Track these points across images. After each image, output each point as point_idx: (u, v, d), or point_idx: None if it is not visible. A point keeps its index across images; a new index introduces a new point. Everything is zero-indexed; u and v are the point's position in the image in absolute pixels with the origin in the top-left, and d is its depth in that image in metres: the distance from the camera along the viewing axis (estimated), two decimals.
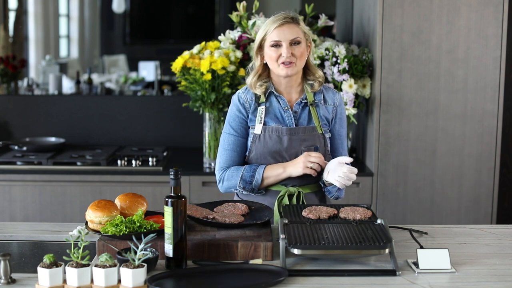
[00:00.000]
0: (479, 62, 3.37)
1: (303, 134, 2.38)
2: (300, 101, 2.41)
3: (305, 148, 2.37)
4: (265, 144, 2.37)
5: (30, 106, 4.06)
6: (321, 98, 2.43)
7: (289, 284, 1.81)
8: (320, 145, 2.40)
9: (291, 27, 2.32)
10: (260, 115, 2.39)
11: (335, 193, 2.42)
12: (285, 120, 2.39)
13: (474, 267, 1.96)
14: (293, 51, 2.31)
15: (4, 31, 5.17)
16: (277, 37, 2.31)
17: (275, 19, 2.34)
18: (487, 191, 3.45)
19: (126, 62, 6.79)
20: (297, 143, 2.37)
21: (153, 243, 1.93)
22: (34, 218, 3.42)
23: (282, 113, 2.40)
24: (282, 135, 2.37)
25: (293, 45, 2.32)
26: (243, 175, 2.37)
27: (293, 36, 2.31)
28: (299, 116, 2.41)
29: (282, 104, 2.41)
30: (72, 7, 6.85)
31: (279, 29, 2.31)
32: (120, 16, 6.93)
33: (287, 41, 2.31)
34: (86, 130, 4.06)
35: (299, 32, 2.33)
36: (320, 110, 2.42)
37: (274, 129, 2.37)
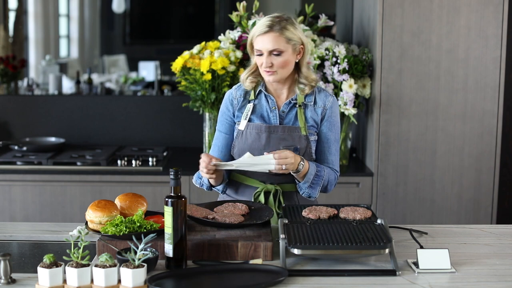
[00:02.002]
0: (479, 62, 3.37)
1: (282, 133, 2.37)
2: (289, 101, 2.40)
3: (283, 148, 2.35)
4: (246, 141, 2.38)
5: (30, 106, 4.06)
6: (312, 100, 2.41)
7: (289, 284, 1.81)
8: (301, 146, 2.37)
9: (272, 36, 2.28)
10: (247, 111, 2.41)
11: (305, 190, 2.39)
12: (270, 120, 2.39)
13: (474, 267, 1.96)
14: (273, 61, 2.29)
15: (4, 31, 5.18)
16: (258, 46, 2.30)
17: (260, 25, 2.31)
18: (487, 191, 3.45)
19: (126, 62, 6.79)
20: (275, 141, 2.36)
21: (153, 243, 1.93)
22: (34, 218, 3.42)
23: (268, 112, 2.40)
24: (261, 132, 2.37)
25: (273, 55, 2.29)
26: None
27: (272, 47, 2.28)
28: (285, 116, 2.40)
29: (270, 104, 2.40)
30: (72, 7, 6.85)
31: (261, 38, 2.29)
32: (120, 16, 6.93)
33: (267, 51, 2.29)
34: (86, 130, 4.06)
35: (280, 42, 2.28)
36: (308, 111, 2.40)
37: (255, 126, 2.38)
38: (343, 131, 3.51)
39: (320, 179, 2.37)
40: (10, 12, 5.41)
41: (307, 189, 2.38)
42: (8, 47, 5.25)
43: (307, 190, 2.38)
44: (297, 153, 2.35)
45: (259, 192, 2.39)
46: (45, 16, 6.24)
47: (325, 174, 2.38)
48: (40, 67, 5.82)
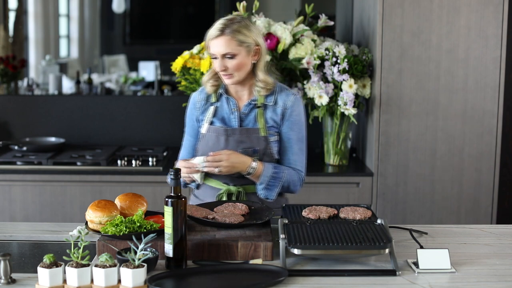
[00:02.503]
0: (479, 62, 3.37)
1: (240, 136, 2.37)
2: (249, 102, 2.40)
3: (242, 150, 2.35)
4: (207, 144, 2.40)
5: (30, 106, 4.06)
6: (272, 100, 2.40)
7: (289, 284, 1.81)
8: (260, 148, 2.37)
9: (223, 40, 2.27)
10: (209, 115, 2.43)
11: (260, 191, 2.39)
12: (231, 122, 2.40)
13: (474, 267, 1.96)
14: (227, 64, 2.29)
15: (4, 31, 5.18)
16: (211, 50, 2.31)
17: (213, 28, 2.30)
18: (487, 191, 3.45)
19: (126, 62, 6.79)
20: (233, 144, 2.36)
21: (153, 243, 1.93)
22: (34, 218, 3.42)
23: (229, 114, 2.41)
24: (220, 135, 2.38)
25: (226, 59, 2.29)
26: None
27: (225, 50, 2.28)
28: (245, 117, 2.40)
29: (231, 106, 2.41)
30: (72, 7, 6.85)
31: (214, 42, 2.29)
32: (120, 16, 6.93)
33: (220, 55, 2.29)
34: (86, 130, 4.06)
35: (232, 45, 2.27)
36: (268, 112, 2.40)
37: (215, 129, 2.40)
38: (343, 131, 3.51)
39: (277, 180, 2.36)
40: (10, 12, 5.41)
41: (263, 191, 2.39)
42: (8, 47, 5.26)
43: (263, 191, 2.39)
44: (256, 155, 2.36)
45: (222, 194, 2.40)
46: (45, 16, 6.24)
47: (284, 176, 2.37)
48: (40, 67, 5.82)
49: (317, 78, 3.38)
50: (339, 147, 3.54)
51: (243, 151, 2.35)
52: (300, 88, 3.52)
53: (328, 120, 3.53)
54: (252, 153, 2.37)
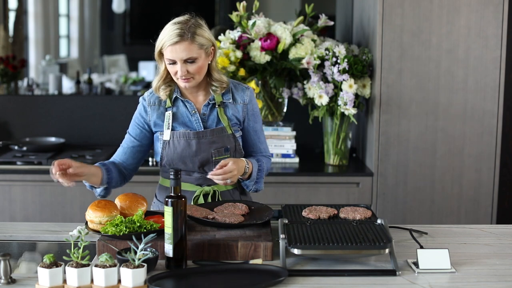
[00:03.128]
0: (479, 62, 3.37)
1: (211, 137, 2.36)
2: (207, 102, 2.39)
3: (215, 151, 2.36)
4: (175, 150, 2.35)
5: (30, 106, 4.06)
6: (230, 97, 2.40)
7: (289, 284, 1.81)
8: (230, 146, 2.38)
9: (184, 45, 2.23)
10: (168, 120, 2.36)
11: (252, 186, 2.42)
12: (193, 124, 2.37)
13: (474, 267, 1.96)
14: (188, 68, 2.26)
15: (4, 31, 5.17)
16: (171, 56, 2.25)
17: (170, 35, 2.24)
18: (487, 191, 3.45)
19: (126, 62, 6.78)
20: (206, 146, 2.35)
21: (153, 243, 1.93)
22: (34, 218, 3.42)
23: (189, 117, 2.37)
24: (190, 139, 2.35)
25: (187, 63, 2.26)
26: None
27: (186, 55, 2.24)
28: (207, 118, 2.39)
29: (189, 108, 2.38)
30: (72, 7, 6.84)
31: (172, 48, 2.23)
32: (120, 16, 6.92)
33: (181, 60, 2.25)
34: (86, 130, 4.06)
35: (193, 50, 2.24)
36: (229, 110, 2.40)
37: (182, 134, 2.35)
38: (343, 131, 3.51)
39: (261, 172, 2.42)
40: (10, 12, 5.41)
41: (254, 186, 2.42)
42: (8, 47, 5.25)
43: (254, 186, 2.42)
44: (227, 153, 2.38)
45: (198, 196, 2.39)
46: (45, 16, 6.24)
47: (264, 165, 2.43)
48: (40, 67, 5.82)
49: (317, 78, 3.38)
50: (339, 147, 3.54)
51: (216, 151, 2.36)
52: (300, 88, 3.52)
53: (328, 120, 3.53)
54: (224, 152, 2.38)
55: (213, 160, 2.36)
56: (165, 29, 2.30)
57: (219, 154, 2.36)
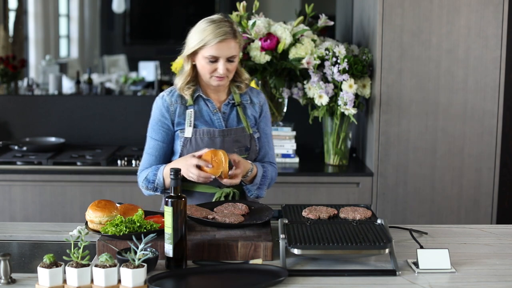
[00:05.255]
0: (479, 62, 3.37)
1: (235, 135, 2.38)
2: (227, 102, 2.41)
3: (237, 150, 2.36)
4: (197, 147, 2.35)
5: (30, 106, 4.06)
6: (248, 99, 2.44)
7: (289, 284, 1.81)
8: (249, 145, 2.40)
9: (230, 43, 2.28)
10: (190, 118, 2.37)
11: (254, 191, 2.42)
12: (214, 123, 2.38)
13: (474, 267, 1.96)
14: (228, 67, 2.30)
15: (4, 31, 5.17)
16: (215, 53, 2.27)
17: (216, 32, 2.27)
18: (487, 191, 3.45)
19: (126, 62, 6.78)
20: (230, 144, 2.37)
21: (153, 243, 1.93)
22: (34, 218, 3.42)
23: (211, 116, 2.39)
24: (214, 137, 2.35)
25: (228, 61, 2.29)
26: (148, 175, 2.37)
27: (231, 53, 2.28)
28: (227, 117, 2.40)
29: (210, 107, 2.39)
30: (72, 7, 6.84)
31: (219, 45, 2.26)
32: (120, 16, 6.92)
33: (225, 58, 2.28)
34: (86, 130, 4.06)
35: (236, 47, 2.30)
36: (247, 110, 2.43)
37: (206, 131, 2.36)
38: (343, 131, 3.51)
39: (265, 179, 2.41)
40: (10, 12, 5.41)
41: (255, 191, 2.42)
42: (8, 47, 5.25)
43: (255, 191, 2.42)
44: (247, 152, 2.39)
45: (219, 198, 2.38)
46: (45, 16, 6.24)
47: (269, 173, 2.43)
48: (40, 67, 5.82)
49: (317, 78, 3.38)
50: (339, 147, 3.54)
51: (238, 150, 2.37)
52: (300, 88, 3.52)
53: (328, 120, 3.53)
54: (245, 151, 2.40)
55: None
56: (202, 29, 2.30)
57: (240, 153, 2.36)
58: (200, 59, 2.32)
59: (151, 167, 2.40)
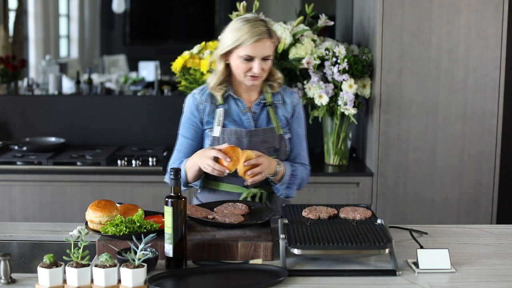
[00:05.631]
0: (479, 62, 3.37)
1: (263, 136, 2.37)
2: (258, 101, 2.40)
3: (265, 151, 2.35)
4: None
5: (30, 106, 4.06)
6: (280, 99, 2.43)
7: (289, 284, 1.81)
8: (278, 146, 2.39)
9: (265, 42, 2.27)
10: (219, 117, 2.37)
11: (283, 191, 2.41)
12: (244, 123, 2.38)
13: (474, 267, 1.96)
14: (263, 66, 2.29)
15: (4, 31, 5.17)
16: (252, 53, 2.27)
17: (253, 32, 2.26)
18: (487, 191, 3.45)
19: (126, 62, 6.78)
20: (257, 144, 2.36)
21: (153, 243, 1.93)
22: (34, 218, 3.42)
23: (240, 115, 2.38)
24: (242, 137, 2.35)
25: (263, 61, 2.29)
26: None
27: (266, 53, 2.28)
28: (258, 117, 2.40)
29: (241, 107, 2.39)
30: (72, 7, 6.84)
31: (255, 45, 2.26)
32: (120, 16, 6.92)
33: (260, 57, 2.28)
34: (86, 130, 4.06)
35: (271, 47, 2.30)
36: (279, 110, 2.42)
37: (233, 131, 2.35)
38: (343, 131, 3.51)
39: (295, 178, 2.40)
40: (10, 12, 5.41)
41: (284, 190, 2.40)
42: (8, 47, 5.25)
43: (284, 191, 2.40)
44: (275, 154, 2.38)
45: (246, 198, 2.38)
46: (45, 16, 6.24)
47: (299, 173, 2.41)
48: (40, 67, 5.82)
49: (317, 78, 3.38)
50: (339, 147, 3.54)
51: (266, 151, 2.35)
52: (300, 88, 3.52)
53: (328, 120, 3.53)
54: (273, 152, 2.38)
55: None
56: (238, 28, 2.29)
57: (268, 154, 2.35)
58: (234, 58, 2.31)
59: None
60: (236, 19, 2.33)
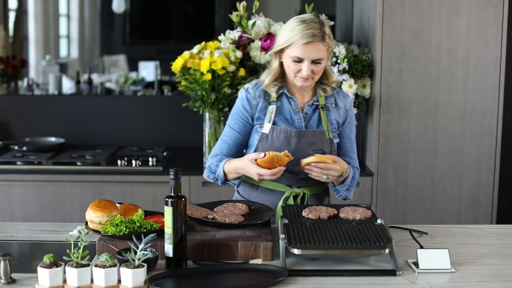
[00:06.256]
0: (479, 62, 3.37)
1: (311, 138, 2.34)
2: (311, 103, 2.37)
3: (312, 152, 2.33)
4: (272, 144, 2.33)
5: (30, 106, 4.06)
6: (333, 102, 2.40)
7: (289, 284, 1.81)
8: (327, 150, 2.36)
9: (316, 45, 2.22)
10: (270, 114, 2.34)
11: (343, 193, 2.41)
12: (294, 122, 2.35)
13: (474, 267, 1.96)
14: (313, 69, 2.25)
15: (4, 31, 5.17)
16: (301, 55, 2.23)
17: (304, 33, 2.22)
18: (487, 191, 3.45)
19: (126, 62, 6.78)
20: (305, 146, 2.33)
21: (153, 243, 1.93)
22: (34, 218, 3.42)
23: (292, 114, 2.36)
24: (291, 137, 2.32)
25: (314, 63, 2.25)
26: (211, 164, 2.37)
27: (317, 56, 2.23)
28: (309, 118, 2.37)
29: (293, 106, 2.36)
30: (72, 7, 6.84)
31: (305, 47, 2.22)
32: (120, 16, 6.93)
33: (310, 60, 2.24)
34: (86, 130, 4.06)
35: (323, 50, 2.24)
36: (331, 114, 2.39)
37: (283, 130, 2.32)
38: None
39: (354, 181, 2.41)
40: (10, 12, 5.41)
41: (344, 192, 2.40)
42: (8, 47, 5.25)
43: (344, 193, 2.40)
44: None
45: (288, 197, 2.35)
46: (45, 16, 6.24)
47: (357, 176, 2.42)
48: (40, 67, 5.82)
49: None
50: None
51: (313, 153, 2.32)
52: None
53: None
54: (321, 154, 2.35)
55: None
56: (291, 28, 2.25)
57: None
58: (286, 58, 2.28)
59: (217, 156, 2.39)
60: (293, 18, 2.29)
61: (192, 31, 6.80)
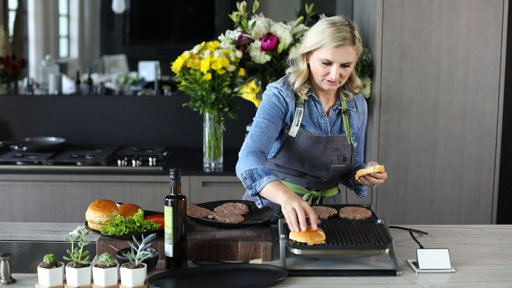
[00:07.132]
0: (479, 62, 3.37)
1: (336, 143, 2.32)
2: (336, 107, 2.35)
3: (335, 158, 2.31)
4: (297, 148, 2.29)
5: (30, 106, 4.06)
6: (353, 105, 2.38)
7: (289, 284, 1.81)
8: (348, 155, 2.34)
9: (347, 48, 2.17)
10: (298, 117, 2.29)
11: (364, 192, 2.47)
12: (321, 126, 2.31)
13: (474, 267, 1.96)
14: (341, 72, 2.21)
15: (4, 31, 5.17)
16: (331, 58, 2.18)
17: (335, 36, 2.17)
18: (487, 191, 3.45)
19: (126, 62, 6.78)
20: (330, 152, 2.31)
21: (153, 243, 1.93)
22: (34, 218, 3.42)
23: (318, 118, 2.32)
24: (318, 143, 2.29)
25: (342, 67, 2.21)
26: (256, 170, 2.10)
27: (346, 60, 2.18)
28: (333, 122, 2.34)
29: (319, 110, 2.32)
30: (72, 7, 6.84)
31: (336, 50, 2.17)
32: (120, 16, 6.93)
33: (339, 63, 2.19)
34: (86, 130, 4.06)
35: (353, 54, 2.20)
36: (352, 118, 2.37)
37: (309, 137, 2.28)
38: None
39: None
40: (10, 12, 5.41)
41: (365, 191, 2.47)
42: (8, 47, 5.25)
43: (365, 192, 2.47)
44: (345, 162, 2.34)
45: (307, 200, 2.33)
46: (45, 16, 6.24)
47: None
48: (40, 67, 5.82)
49: None
50: None
51: (336, 159, 2.31)
52: None
53: None
54: (343, 161, 2.33)
55: (331, 167, 2.32)
56: (321, 30, 2.20)
57: (338, 162, 2.32)
58: (314, 60, 2.23)
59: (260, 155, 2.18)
60: (322, 20, 2.24)
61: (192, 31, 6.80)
